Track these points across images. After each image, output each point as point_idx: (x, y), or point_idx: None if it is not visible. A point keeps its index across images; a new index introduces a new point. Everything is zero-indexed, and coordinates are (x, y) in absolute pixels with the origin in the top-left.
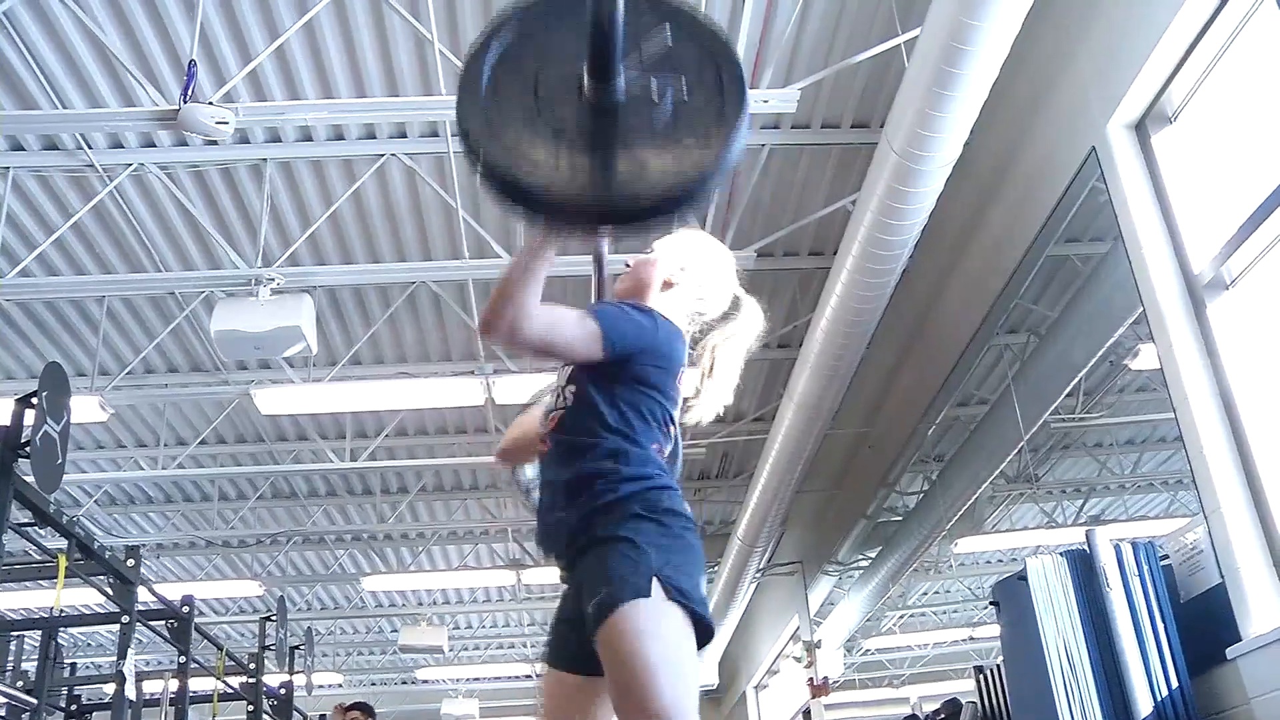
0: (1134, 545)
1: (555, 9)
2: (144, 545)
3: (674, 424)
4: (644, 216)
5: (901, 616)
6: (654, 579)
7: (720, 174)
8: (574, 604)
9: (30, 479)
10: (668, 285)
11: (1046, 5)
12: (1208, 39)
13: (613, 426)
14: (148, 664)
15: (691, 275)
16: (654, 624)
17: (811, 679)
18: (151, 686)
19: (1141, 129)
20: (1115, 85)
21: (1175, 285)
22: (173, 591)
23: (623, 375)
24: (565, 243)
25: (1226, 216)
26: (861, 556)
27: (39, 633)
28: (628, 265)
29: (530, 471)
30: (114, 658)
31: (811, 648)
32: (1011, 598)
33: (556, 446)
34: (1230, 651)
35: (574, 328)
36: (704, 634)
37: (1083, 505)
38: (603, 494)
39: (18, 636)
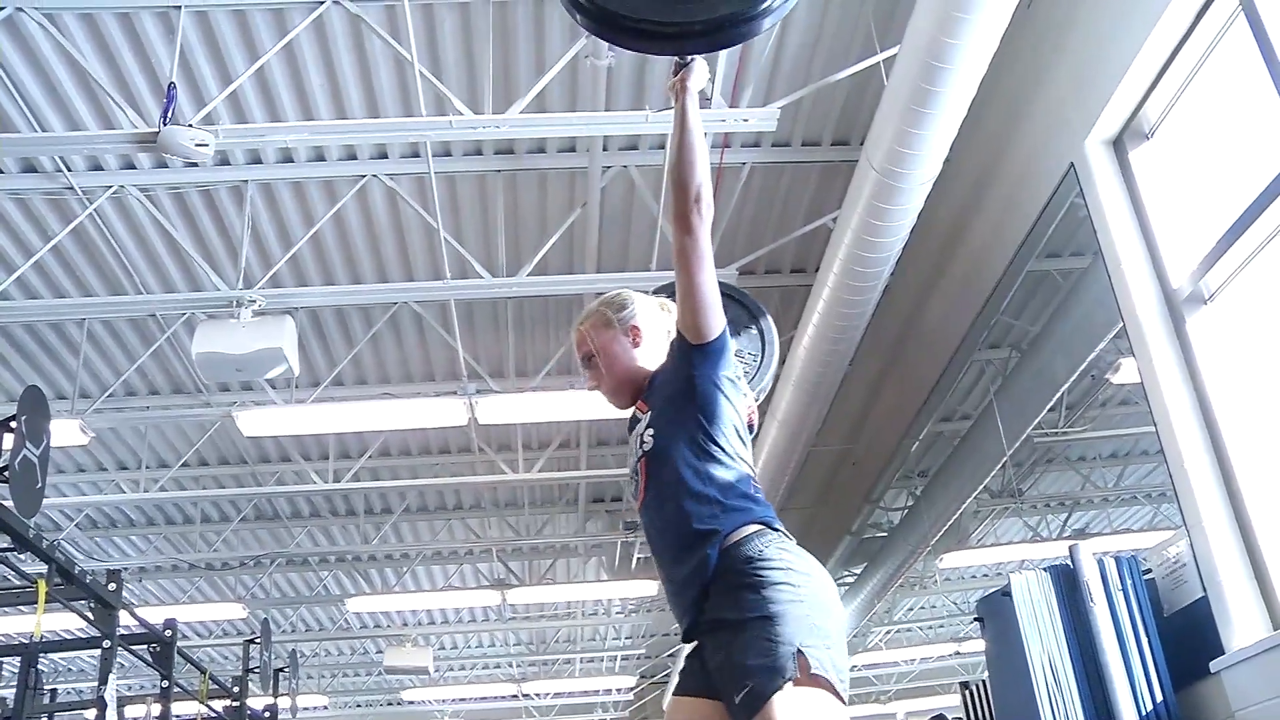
0: (1117, 559)
1: None
2: (126, 569)
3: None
4: (721, 35)
5: (888, 632)
6: (796, 656)
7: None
8: (705, 662)
9: (9, 503)
10: (636, 345)
11: (1023, 24)
12: (1183, 56)
13: (703, 469)
14: (130, 689)
15: (636, 316)
16: (804, 714)
17: None
18: (134, 712)
19: (1119, 145)
20: (1092, 102)
21: (1154, 300)
22: (155, 615)
23: (713, 391)
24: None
25: (1204, 231)
26: (847, 573)
27: (18, 659)
28: (590, 382)
29: None
30: (95, 683)
31: None
32: (996, 613)
33: (650, 499)
34: (1214, 665)
35: (715, 277)
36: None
37: (1067, 519)
38: (709, 559)
39: None
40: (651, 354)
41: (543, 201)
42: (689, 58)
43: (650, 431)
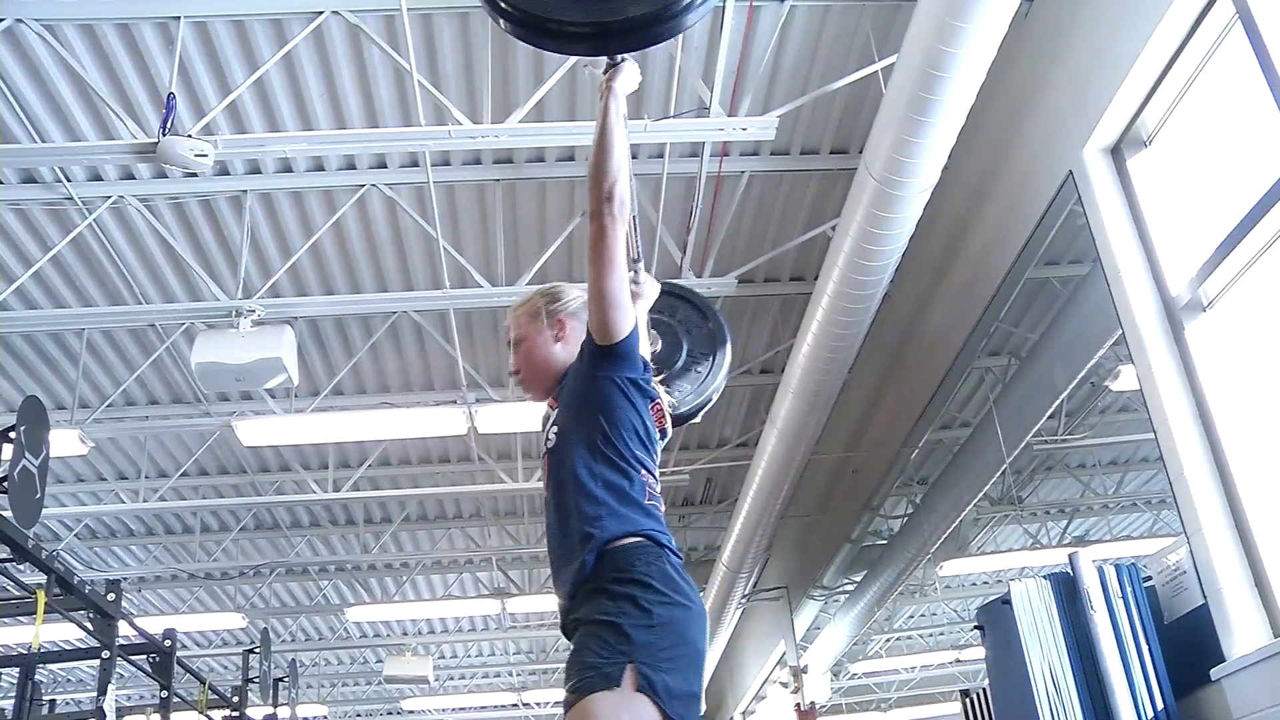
0: (1117, 567)
1: None
2: (125, 579)
3: (658, 442)
4: (648, 29)
5: (888, 640)
6: (628, 667)
7: None
8: None
9: (8, 514)
10: (559, 340)
11: (1021, 32)
12: (1181, 63)
13: (599, 472)
14: (129, 699)
15: (567, 310)
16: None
17: (799, 704)
18: None
19: (1118, 153)
20: (1091, 110)
21: (1153, 307)
22: (154, 625)
23: (614, 393)
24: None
25: (1203, 238)
26: (847, 580)
27: (17, 670)
28: (512, 367)
29: None
30: (94, 693)
31: (798, 673)
32: (996, 621)
33: (550, 493)
34: (1215, 672)
35: (624, 275)
36: None
37: (1067, 526)
38: (586, 562)
39: None
40: (575, 350)
41: (542, 210)
42: (619, 58)
43: (555, 429)
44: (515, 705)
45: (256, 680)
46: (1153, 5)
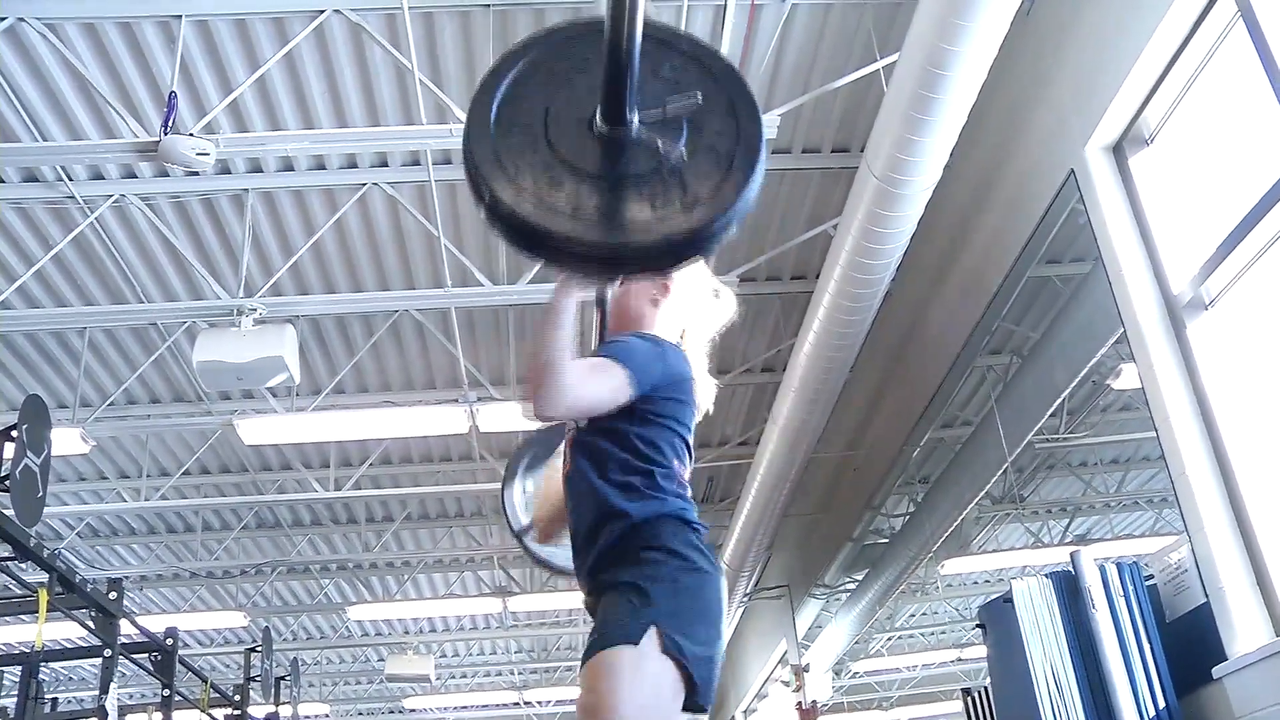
0: (1119, 566)
1: (570, 41)
2: (127, 577)
3: (691, 447)
4: (653, 262)
5: (889, 638)
6: (651, 628)
7: (730, 223)
8: None
9: (10, 512)
10: (654, 304)
11: (1023, 30)
12: (1183, 61)
13: (627, 460)
14: (131, 697)
15: (675, 289)
16: (633, 673)
17: (800, 703)
18: None
19: (1119, 151)
20: (1092, 108)
21: (1155, 305)
22: (156, 624)
23: (640, 410)
24: (584, 285)
25: (1205, 237)
26: (848, 579)
27: (19, 668)
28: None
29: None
30: (96, 692)
31: (800, 671)
32: (998, 620)
33: (573, 473)
34: (1216, 671)
35: (602, 384)
36: (698, 695)
37: (1068, 524)
38: (613, 534)
39: None
40: (664, 322)
41: None
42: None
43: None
44: (517, 704)
45: (258, 679)
46: (1155, 3)
